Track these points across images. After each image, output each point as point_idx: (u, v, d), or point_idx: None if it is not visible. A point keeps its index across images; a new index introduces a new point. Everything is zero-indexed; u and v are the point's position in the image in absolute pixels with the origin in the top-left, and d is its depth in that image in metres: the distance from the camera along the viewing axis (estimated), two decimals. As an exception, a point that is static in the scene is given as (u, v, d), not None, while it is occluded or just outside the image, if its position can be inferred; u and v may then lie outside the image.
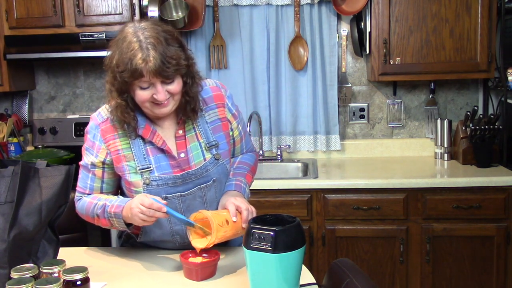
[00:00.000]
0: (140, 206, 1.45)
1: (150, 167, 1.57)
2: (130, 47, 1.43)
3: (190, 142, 1.62)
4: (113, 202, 1.55)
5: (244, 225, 1.53)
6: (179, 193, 1.59)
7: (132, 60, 1.42)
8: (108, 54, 1.51)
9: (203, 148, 1.63)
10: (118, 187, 1.70)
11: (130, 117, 1.54)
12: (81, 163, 1.65)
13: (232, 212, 1.53)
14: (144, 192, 1.56)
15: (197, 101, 1.59)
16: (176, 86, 1.50)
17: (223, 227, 1.48)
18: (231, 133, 1.71)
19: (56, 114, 3.42)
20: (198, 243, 1.49)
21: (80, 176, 1.65)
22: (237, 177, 1.74)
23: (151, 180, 1.57)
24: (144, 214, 1.45)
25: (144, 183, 1.56)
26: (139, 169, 1.57)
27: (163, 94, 1.48)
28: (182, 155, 1.60)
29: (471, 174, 2.71)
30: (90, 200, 1.61)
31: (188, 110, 1.58)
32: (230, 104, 1.71)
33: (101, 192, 1.65)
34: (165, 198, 1.58)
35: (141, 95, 1.49)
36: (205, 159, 1.62)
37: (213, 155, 1.63)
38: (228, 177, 1.73)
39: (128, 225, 1.56)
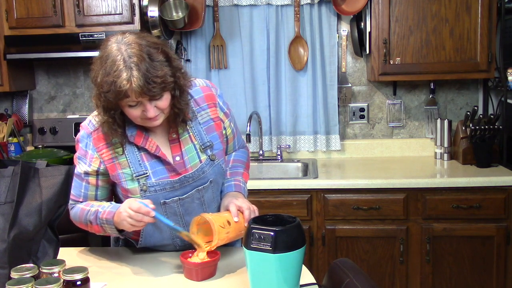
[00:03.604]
0: (128, 210, 1.44)
1: (146, 173, 1.56)
2: (114, 67, 1.38)
3: (185, 144, 1.60)
4: (105, 208, 1.54)
5: (247, 225, 1.53)
6: (177, 197, 1.59)
7: (116, 81, 1.37)
8: (92, 70, 1.47)
9: (198, 150, 1.61)
10: (112, 194, 1.69)
11: (118, 133, 1.51)
12: (74, 172, 1.62)
13: (233, 212, 1.53)
14: (142, 198, 1.54)
15: (186, 112, 1.56)
16: (164, 101, 1.47)
17: (225, 228, 1.48)
18: (224, 132, 1.70)
19: (56, 114, 3.42)
20: (196, 259, 1.50)
21: (73, 184, 1.59)
22: (235, 176, 1.74)
23: (148, 186, 1.55)
24: (132, 218, 1.43)
25: (141, 190, 1.55)
26: (135, 176, 1.55)
27: (152, 111, 1.45)
28: (178, 158, 1.59)
29: (471, 174, 2.71)
30: (83, 207, 1.60)
31: (177, 121, 1.56)
32: (221, 103, 1.69)
33: (95, 200, 1.64)
34: (164, 203, 1.57)
35: (131, 112, 1.46)
36: (200, 161, 1.61)
37: (209, 156, 1.62)
38: (226, 177, 1.73)
39: (120, 231, 1.55)
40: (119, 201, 1.68)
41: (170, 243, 1.66)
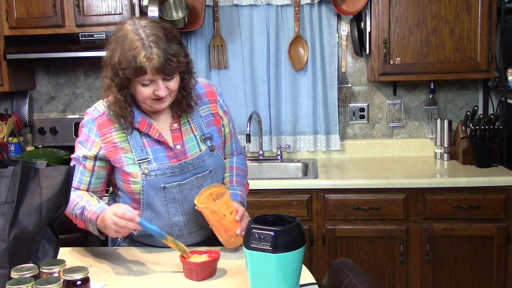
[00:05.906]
0: (113, 216, 1.46)
1: (148, 158, 1.60)
2: (133, 45, 1.46)
3: (186, 134, 1.66)
4: (92, 206, 1.56)
5: (239, 233, 1.59)
6: (177, 183, 1.62)
7: (136, 58, 1.45)
8: (107, 51, 1.53)
9: (198, 140, 1.67)
10: (106, 184, 1.71)
11: (128, 112, 1.57)
12: (72, 156, 1.67)
13: (240, 212, 1.61)
14: (143, 183, 1.59)
15: (192, 96, 1.64)
16: (175, 83, 1.55)
17: (228, 209, 1.56)
18: (222, 129, 1.76)
19: (56, 114, 3.42)
20: (196, 259, 1.52)
21: None
22: (240, 187, 1.79)
23: (150, 170, 1.59)
24: (116, 225, 1.46)
25: (143, 173, 1.59)
26: (137, 160, 1.60)
27: (164, 90, 1.52)
28: (178, 146, 1.64)
29: (471, 174, 2.71)
30: (74, 197, 1.61)
31: (184, 104, 1.63)
32: (221, 101, 1.77)
33: (89, 187, 1.65)
34: (163, 188, 1.61)
35: (143, 91, 1.52)
36: (200, 150, 1.67)
37: (208, 146, 1.68)
38: (232, 184, 1.78)
39: (102, 233, 1.57)
40: (117, 190, 1.70)
41: (168, 231, 1.66)
